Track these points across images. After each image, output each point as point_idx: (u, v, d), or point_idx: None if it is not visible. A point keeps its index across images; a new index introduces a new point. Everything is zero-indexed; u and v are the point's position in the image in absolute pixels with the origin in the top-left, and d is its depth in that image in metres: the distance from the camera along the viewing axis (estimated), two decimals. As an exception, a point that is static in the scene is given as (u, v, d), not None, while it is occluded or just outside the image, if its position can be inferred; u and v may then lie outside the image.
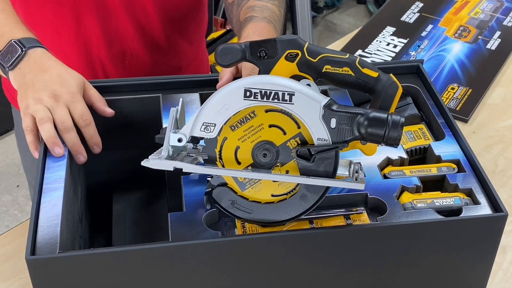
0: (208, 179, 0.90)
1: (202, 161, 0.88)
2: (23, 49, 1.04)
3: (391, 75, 0.89)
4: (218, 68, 0.92)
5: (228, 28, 2.95)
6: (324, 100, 0.84)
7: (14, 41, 1.04)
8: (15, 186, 2.65)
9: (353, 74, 0.88)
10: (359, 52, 1.59)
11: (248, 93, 0.83)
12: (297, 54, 0.86)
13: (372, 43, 1.61)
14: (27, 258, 0.82)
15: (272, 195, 0.88)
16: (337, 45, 1.63)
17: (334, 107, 0.84)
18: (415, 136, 1.08)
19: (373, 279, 0.95)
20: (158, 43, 1.33)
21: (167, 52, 1.36)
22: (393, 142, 0.84)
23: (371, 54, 1.58)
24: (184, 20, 1.35)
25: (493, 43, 1.60)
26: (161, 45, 1.34)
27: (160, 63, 1.36)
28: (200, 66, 1.48)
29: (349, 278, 0.94)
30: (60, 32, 1.27)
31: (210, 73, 1.58)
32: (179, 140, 0.85)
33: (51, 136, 0.97)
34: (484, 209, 0.93)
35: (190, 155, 0.90)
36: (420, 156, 1.07)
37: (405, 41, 1.62)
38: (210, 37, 2.88)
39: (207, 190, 0.91)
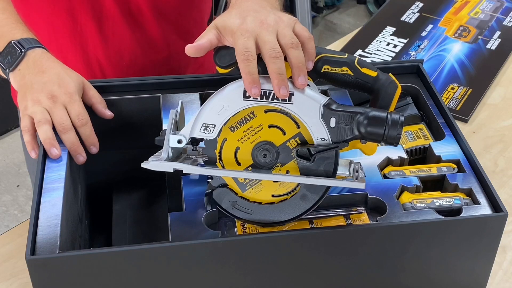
0: (208, 180, 0.90)
1: (202, 163, 0.88)
2: (22, 50, 1.04)
3: (390, 74, 0.89)
4: (219, 69, 0.91)
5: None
6: (323, 99, 0.83)
7: (13, 42, 1.04)
8: (15, 186, 2.65)
9: (352, 74, 0.88)
10: (359, 52, 1.58)
11: (247, 94, 0.83)
12: (296, 55, 0.86)
13: (372, 43, 1.61)
14: (27, 258, 0.82)
15: (273, 196, 0.88)
16: (337, 45, 1.63)
17: (334, 107, 0.84)
18: (415, 136, 1.08)
19: (373, 279, 0.95)
20: (155, 43, 1.32)
21: (166, 53, 1.35)
22: (393, 141, 0.84)
23: (371, 54, 1.58)
24: (179, 17, 1.34)
25: (493, 43, 1.60)
26: (159, 46, 1.33)
27: (159, 64, 1.36)
28: (203, 66, 1.47)
29: (349, 278, 0.94)
30: (56, 30, 1.27)
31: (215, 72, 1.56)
32: (179, 142, 0.85)
33: (48, 138, 0.97)
34: (484, 209, 0.93)
35: (190, 156, 0.90)
36: (420, 156, 1.06)
37: (405, 41, 1.62)
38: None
39: (207, 191, 0.91)
